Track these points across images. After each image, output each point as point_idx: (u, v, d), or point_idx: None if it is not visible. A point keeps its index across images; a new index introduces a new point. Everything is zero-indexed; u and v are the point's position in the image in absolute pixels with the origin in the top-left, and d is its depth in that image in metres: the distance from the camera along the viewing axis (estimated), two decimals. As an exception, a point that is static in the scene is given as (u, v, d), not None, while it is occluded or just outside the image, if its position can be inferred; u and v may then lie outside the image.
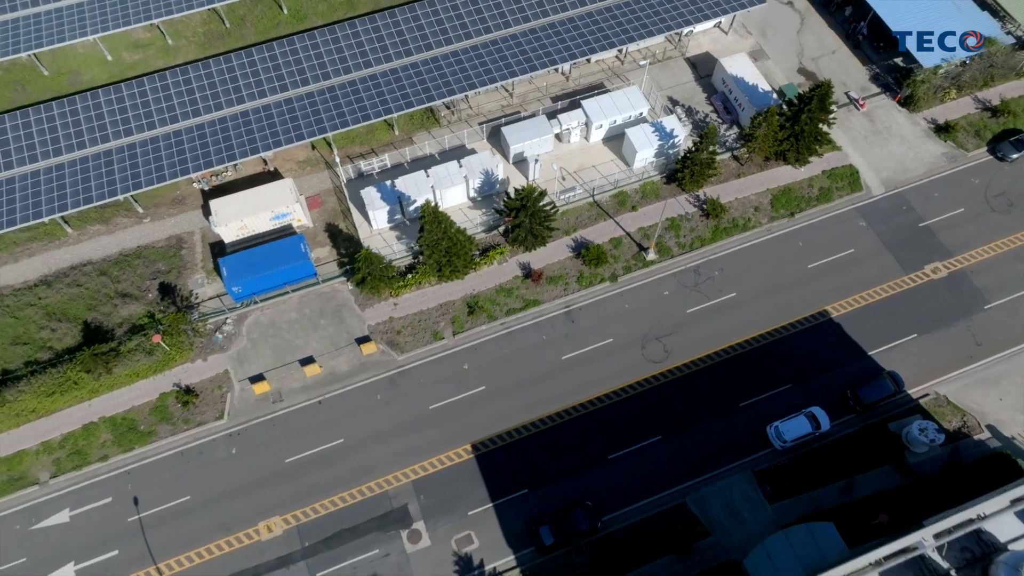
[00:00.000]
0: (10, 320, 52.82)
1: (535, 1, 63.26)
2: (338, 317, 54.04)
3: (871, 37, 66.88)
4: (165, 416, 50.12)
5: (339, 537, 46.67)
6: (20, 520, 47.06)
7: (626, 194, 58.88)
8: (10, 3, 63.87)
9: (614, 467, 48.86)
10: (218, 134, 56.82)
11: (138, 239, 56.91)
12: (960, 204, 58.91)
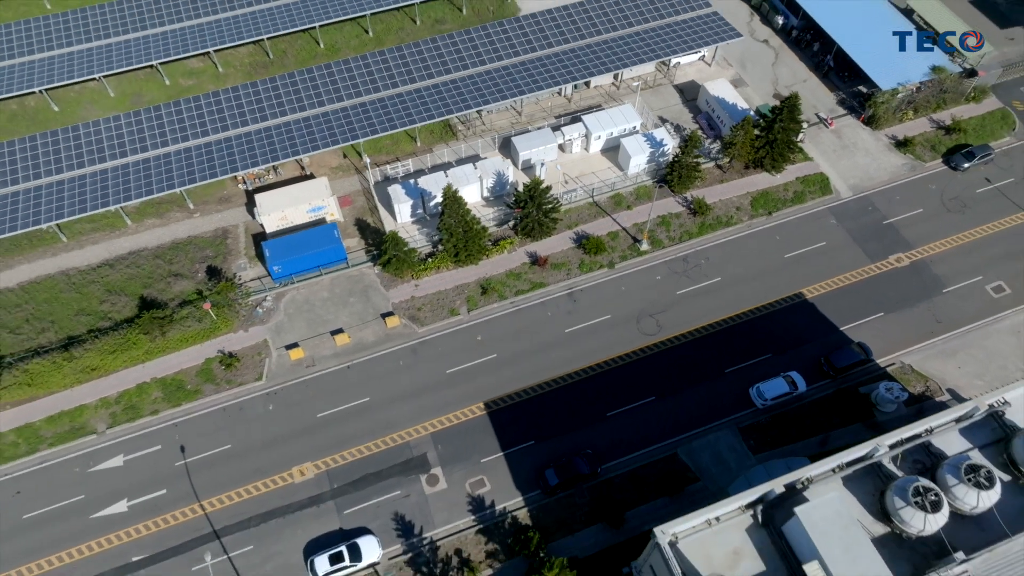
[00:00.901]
0: (75, 295, 59.52)
1: (542, 35, 72.66)
2: (365, 296, 60.60)
3: (837, 68, 75.77)
4: (210, 377, 56.05)
5: (364, 480, 51.81)
6: (79, 464, 52.36)
7: (622, 195, 66.33)
8: (85, 35, 73.48)
9: (612, 423, 54.31)
10: (263, 140, 64.93)
11: (188, 230, 64.17)
12: (919, 206, 66.16)
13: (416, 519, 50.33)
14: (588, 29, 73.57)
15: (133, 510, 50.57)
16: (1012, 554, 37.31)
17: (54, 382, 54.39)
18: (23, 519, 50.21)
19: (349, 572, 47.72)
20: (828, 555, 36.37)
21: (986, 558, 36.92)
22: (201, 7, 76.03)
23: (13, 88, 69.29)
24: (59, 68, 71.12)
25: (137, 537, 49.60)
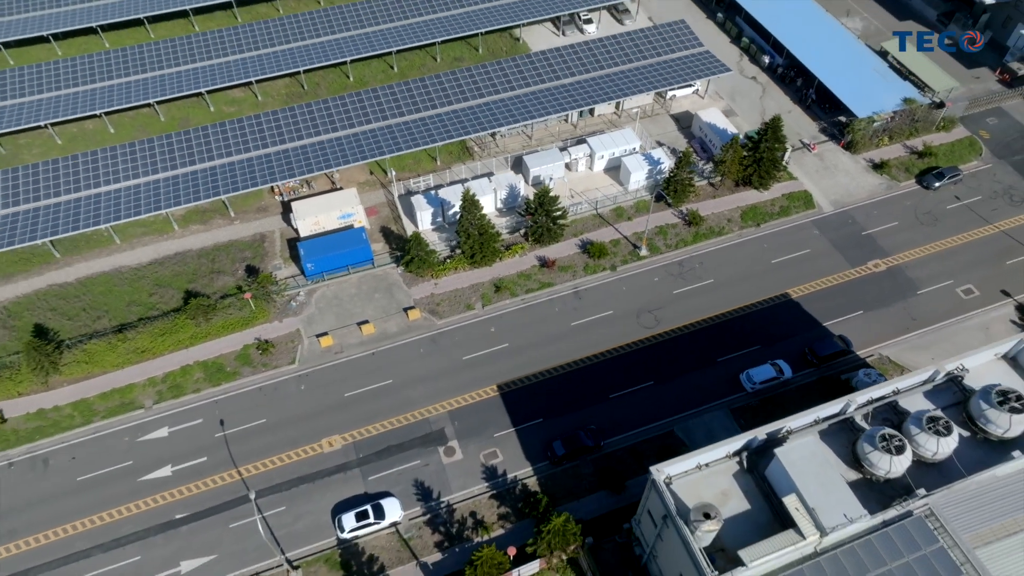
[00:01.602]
0: (127, 288, 65.71)
1: (550, 69, 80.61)
2: (389, 293, 66.54)
3: (818, 100, 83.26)
4: (247, 361, 61.57)
5: (387, 451, 56.68)
6: (128, 434, 57.47)
7: (623, 208, 72.84)
8: (141, 67, 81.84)
9: (614, 404, 59.33)
10: (298, 156, 72.13)
11: (229, 235, 70.71)
12: (895, 219, 72.38)
13: (434, 485, 54.98)
14: (592, 65, 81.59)
15: (176, 474, 55.46)
16: (968, 491, 42.00)
17: (108, 361, 60.03)
18: (77, 481, 55.10)
19: (373, 529, 52.20)
20: (804, 489, 41.15)
21: (945, 494, 41.58)
22: (244, 43, 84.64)
23: (77, 111, 77.12)
24: (117, 95, 79.10)
25: (180, 498, 54.37)
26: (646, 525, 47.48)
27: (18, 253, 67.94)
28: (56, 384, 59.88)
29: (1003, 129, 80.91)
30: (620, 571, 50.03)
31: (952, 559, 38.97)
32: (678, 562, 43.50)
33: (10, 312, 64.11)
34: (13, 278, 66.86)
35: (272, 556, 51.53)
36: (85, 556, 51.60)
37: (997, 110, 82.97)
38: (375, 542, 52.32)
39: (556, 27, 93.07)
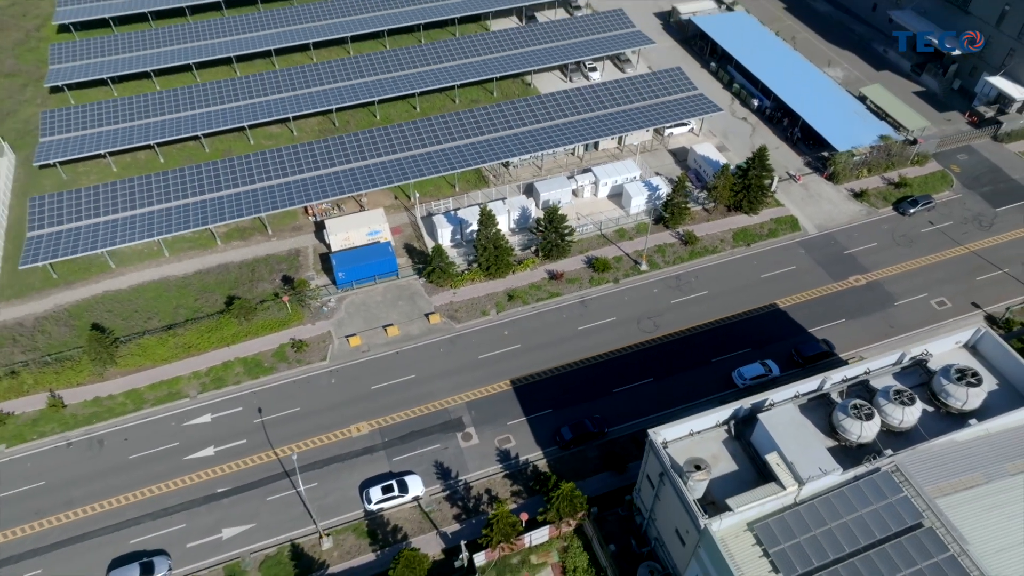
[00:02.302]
0: (175, 294, 72.53)
1: (557, 108, 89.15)
2: (411, 300, 73.09)
3: (803, 137, 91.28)
4: (283, 358, 67.73)
5: (410, 436, 62.21)
6: (175, 420, 63.25)
7: (624, 229, 79.92)
8: (189, 104, 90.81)
9: (617, 397, 64.96)
10: (330, 180, 79.90)
11: (267, 250, 77.84)
12: (874, 240, 79.13)
13: (453, 466, 60.29)
14: (596, 105, 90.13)
15: (219, 454, 61.00)
16: (931, 452, 47.30)
17: (159, 355, 66.33)
18: (129, 459, 60.66)
19: (397, 503, 57.32)
20: (784, 447, 46.63)
21: (909, 454, 46.92)
22: (281, 85, 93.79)
23: (132, 142, 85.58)
24: (167, 129, 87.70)
25: (222, 475, 59.78)
26: (645, 491, 52.64)
27: (78, 263, 75.11)
28: (110, 376, 66.06)
29: (972, 164, 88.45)
30: (622, 538, 54.85)
31: (915, 506, 44.06)
32: (674, 517, 48.63)
33: (71, 313, 70.83)
34: (73, 285, 73.82)
35: (306, 525, 56.62)
36: (136, 523, 56.80)
37: (967, 148, 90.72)
38: (399, 514, 57.38)
39: (564, 74, 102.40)
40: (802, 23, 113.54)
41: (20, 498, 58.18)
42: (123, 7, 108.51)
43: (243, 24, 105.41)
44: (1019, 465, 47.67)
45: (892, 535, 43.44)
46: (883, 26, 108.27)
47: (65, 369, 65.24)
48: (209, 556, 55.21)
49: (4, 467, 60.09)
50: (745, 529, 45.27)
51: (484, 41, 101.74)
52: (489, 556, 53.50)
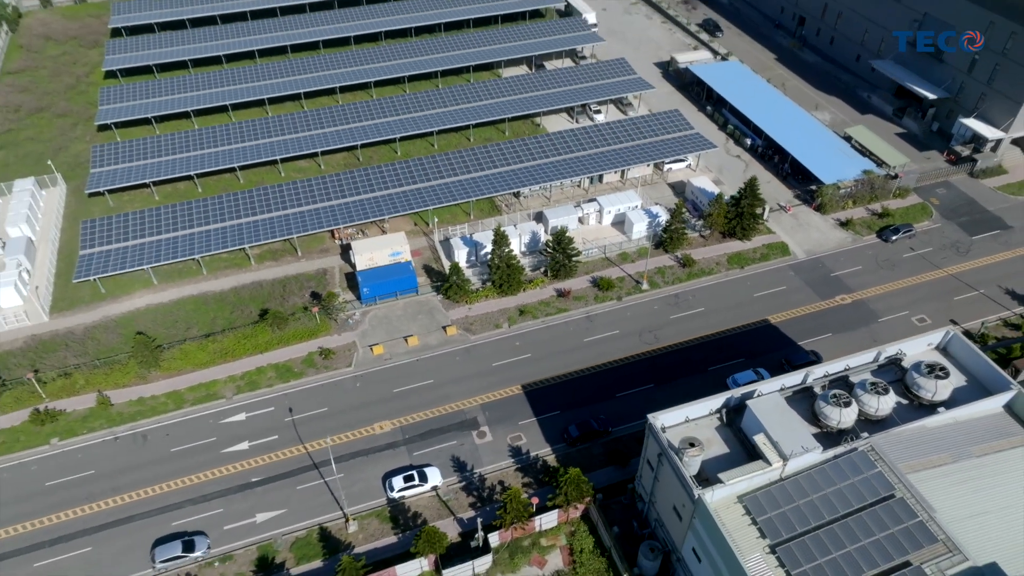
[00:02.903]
0: (212, 307, 78.72)
1: (564, 145, 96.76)
2: (430, 315, 79.05)
3: (792, 172, 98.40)
4: (312, 364, 73.40)
5: (429, 433, 67.35)
6: (212, 418, 68.63)
7: (627, 253, 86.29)
8: (226, 140, 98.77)
9: (620, 401, 70.15)
10: (355, 207, 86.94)
11: (296, 269, 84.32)
12: (859, 264, 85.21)
13: (469, 460, 65.25)
14: (600, 142, 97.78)
15: (252, 448, 66.17)
16: (903, 436, 52.40)
17: (199, 359, 72.15)
18: (170, 451, 65.87)
19: (417, 491, 62.14)
20: (770, 429, 51.78)
21: (884, 436, 52.05)
22: (310, 124, 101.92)
23: (174, 172, 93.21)
24: (205, 161, 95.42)
25: (255, 466, 64.84)
26: (645, 476, 57.50)
27: (124, 279, 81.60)
28: (153, 378, 71.74)
29: (950, 198, 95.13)
30: (625, 522, 59.39)
31: (888, 480, 48.95)
32: (671, 496, 53.48)
33: (117, 323, 76.97)
34: (119, 299, 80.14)
35: (333, 511, 61.40)
36: (177, 507, 61.70)
37: (945, 183, 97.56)
38: (419, 502, 62.14)
39: (570, 116, 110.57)
40: (792, 72, 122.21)
41: (72, 484, 63.30)
42: (165, 55, 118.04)
43: (274, 70, 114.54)
44: (984, 448, 52.66)
45: (867, 505, 48.31)
46: (867, 74, 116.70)
47: (113, 371, 71.05)
48: (244, 537, 59.93)
49: (58, 457, 65.38)
50: (735, 502, 50.12)
51: (497, 86, 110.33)
52: (503, 537, 58.13)
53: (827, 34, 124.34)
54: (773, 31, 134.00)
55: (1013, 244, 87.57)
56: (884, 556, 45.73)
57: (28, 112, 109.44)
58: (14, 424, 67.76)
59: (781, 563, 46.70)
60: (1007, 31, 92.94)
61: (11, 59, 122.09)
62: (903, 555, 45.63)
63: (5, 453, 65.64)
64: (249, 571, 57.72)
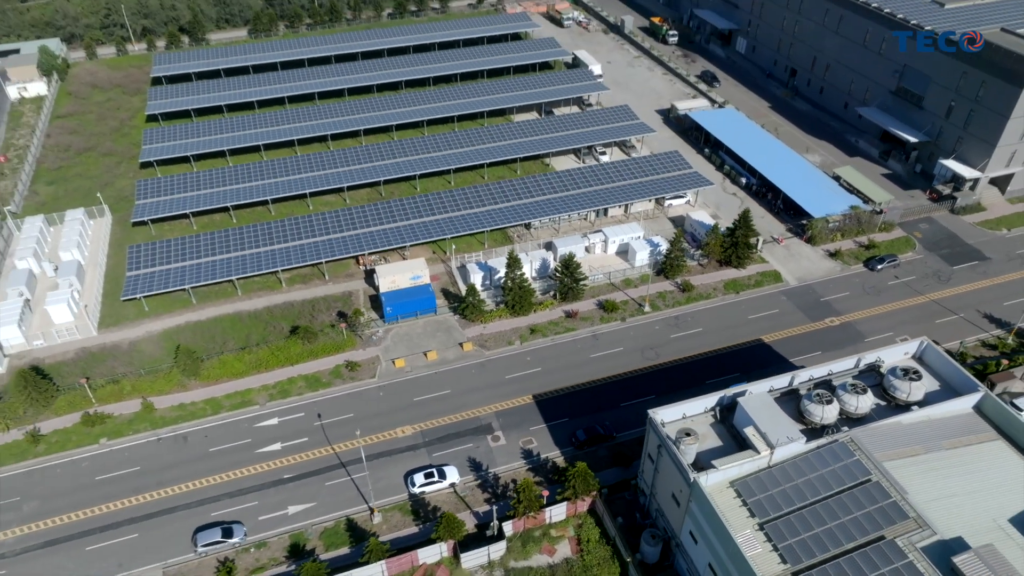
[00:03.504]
0: (247, 324, 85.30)
1: (572, 182, 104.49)
2: (448, 332, 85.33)
3: (785, 208, 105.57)
4: (339, 375, 79.44)
5: (447, 437, 72.89)
6: (247, 422, 74.46)
7: (630, 279, 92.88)
8: (259, 175, 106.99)
9: (623, 410, 75.68)
10: (379, 236, 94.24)
11: (324, 292, 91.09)
12: (847, 290, 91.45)
13: (484, 461, 70.62)
14: (604, 180, 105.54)
15: (284, 448, 71.81)
16: (880, 430, 57.84)
17: (236, 369, 78.40)
18: (209, 451, 71.54)
19: (436, 487, 67.39)
20: (759, 422, 57.35)
21: (862, 430, 57.56)
22: (336, 162, 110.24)
23: (210, 204, 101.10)
24: (239, 195, 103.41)
25: (287, 464, 70.39)
26: (646, 470, 62.79)
27: (166, 299, 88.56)
28: (192, 387, 77.85)
29: (932, 232, 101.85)
30: (628, 515, 64.35)
31: (865, 467, 54.23)
32: (670, 484, 58.72)
33: (160, 337, 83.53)
34: (161, 316, 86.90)
35: (359, 504, 66.63)
36: (216, 500, 67.10)
37: (928, 219, 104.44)
38: (437, 497, 67.34)
39: (577, 157, 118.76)
40: (784, 118, 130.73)
41: (120, 479, 68.90)
42: (202, 101, 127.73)
43: (303, 115, 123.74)
44: (953, 442, 58.00)
45: (846, 488, 53.54)
46: (854, 120, 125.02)
47: (156, 379, 77.30)
48: (277, 527, 65.14)
49: (107, 455, 71.13)
50: (727, 486, 55.45)
51: (509, 129, 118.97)
52: (516, 526, 63.14)
53: (817, 84, 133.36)
54: (767, 81, 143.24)
55: (991, 273, 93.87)
56: (861, 531, 50.82)
57: (77, 152, 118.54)
58: (67, 426, 73.77)
59: (769, 538, 51.83)
60: (978, 80, 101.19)
61: (61, 104, 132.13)
62: (878, 530, 50.71)
63: (59, 451, 71.50)
64: (282, 556, 62.80)
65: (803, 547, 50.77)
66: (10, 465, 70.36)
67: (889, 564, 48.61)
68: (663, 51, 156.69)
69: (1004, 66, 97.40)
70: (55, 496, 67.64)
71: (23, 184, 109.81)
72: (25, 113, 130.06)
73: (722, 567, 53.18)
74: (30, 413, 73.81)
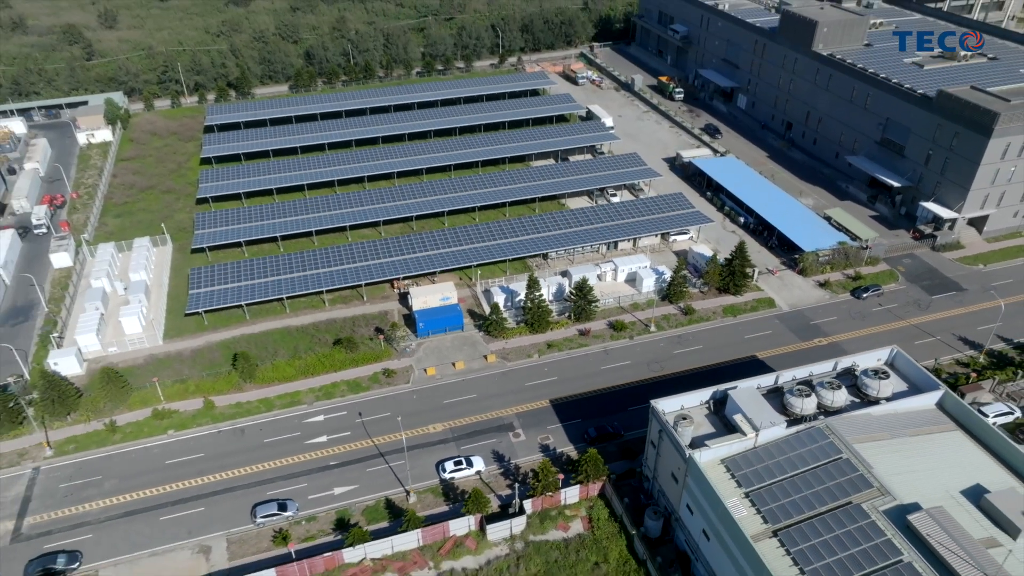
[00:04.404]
0: (294, 336, 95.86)
1: (585, 219, 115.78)
2: (473, 346, 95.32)
3: (779, 244, 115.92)
4: (376, 381, 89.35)
5: (473, 433, 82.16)
6: (296, 418, 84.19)
7: (638, 304, 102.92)
8: (305, 211, 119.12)
9: (631, 413, 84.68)
10: (410, 263, 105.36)
11: (362, 311, 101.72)
12: (834, 315, 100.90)
13: (506, 453, 79.67)
14: (615, 217, 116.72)
15: (330, 440, 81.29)
16: (851, 419, 66.70)
17: (286, 373, 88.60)
18: (264, 442, 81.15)
19: (464, 474, 76.36)
20: (747, 411, 66.48)
21: (836, 419, 66.50)
22: (373, 199, 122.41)
23: (260, 234, 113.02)
24: (287, 227, 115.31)
25: (332, 453, 79.79)
26: (649, 455, 71.63)
27: (223, 314, 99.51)
28: (247, 389, 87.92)
29: (915, 267, 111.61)
30: (634, 497, 72.88)
31: (837, 447, 63.03)
32: (670, 464, 67.53)
33: (218, 346, 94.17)
34: (219, 330, 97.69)
35: (396, 487, 75.65)
36: (271, 481, 76.41)
37: (911, 255, 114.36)
38: (465, 482, 76.24)
39: (590, 198, 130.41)
40: (781, 166, 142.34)
41: (186, 463, 78.49)
42: (251, 146, 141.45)
43: (341, 159, 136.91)
44: (916, 431, 66.77)
45: (820, 463, 62.33)
46: (844, 168, 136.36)
47: (217, 381, 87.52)
48: (324, 505, 74.17)
49: (175, 444, 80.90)
50: (719, 463, 64.35)
51: (528, 173, 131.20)
52: (535, 505, 71.79)
53: (811, 136, 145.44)
54: (765, 133, 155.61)
55: (967, 303, 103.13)
56: (832, 497, 59.47)
57: (140, 189, 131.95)
58: (139, 419, 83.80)
59: (753, 504, 60.50)
60: (952, 131, 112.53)
61: (124, 149, 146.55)
62: (846, 497, 59.34)
63: (133, 439, 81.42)
64: (329, 528, 71.69)
65: (782, 510, 59.38)
66: (92, 450, 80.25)
67: (855, 523, 57.20)
68: (670, 107, 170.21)
69: (973, 119, 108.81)
70: (131, 476, 77.22)
71: (94, 217, 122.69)
72: (93, 156, 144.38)
73: (714, 530, 61.64)
74: (108, 407, 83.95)
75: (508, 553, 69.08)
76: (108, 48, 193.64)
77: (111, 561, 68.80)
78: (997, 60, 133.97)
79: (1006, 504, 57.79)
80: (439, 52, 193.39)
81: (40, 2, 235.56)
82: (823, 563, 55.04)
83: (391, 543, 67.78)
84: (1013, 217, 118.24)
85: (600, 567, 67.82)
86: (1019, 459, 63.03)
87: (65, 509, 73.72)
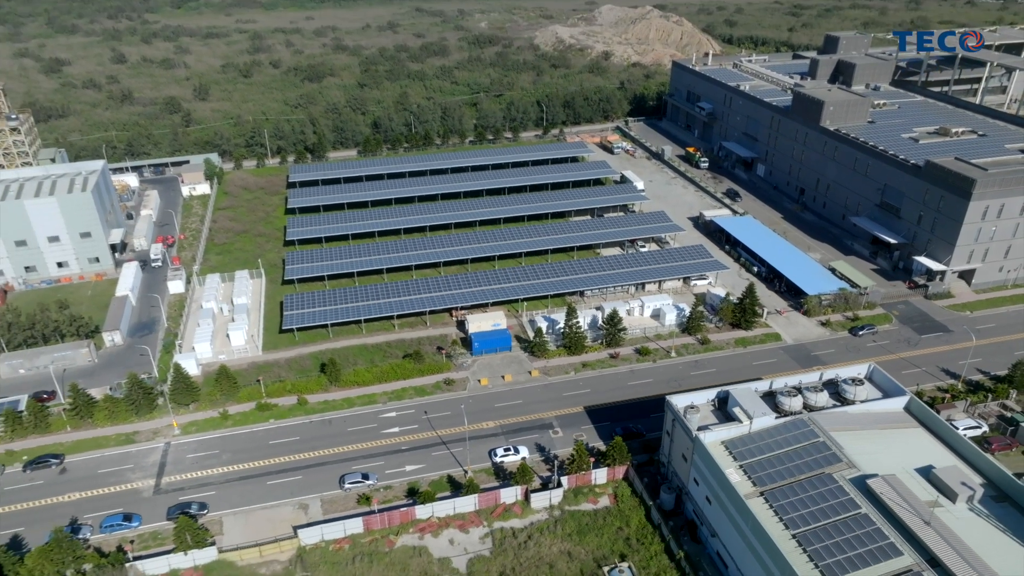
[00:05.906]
0: (370, 351, 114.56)
1: (615, 264, 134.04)
2: (519, 364, 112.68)
3: (787, 290, 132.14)
4: (439, 388, 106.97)
5: (519, 429, 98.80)
6: (373, 414, 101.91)
7: (661, 334, 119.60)
8: (376, 252, 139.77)
9: (653, 418, 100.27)
10: (467, 296, 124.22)
11: (426, 334, 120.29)
12: (833, 348, 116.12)
13: (546, 446, 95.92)
14: (643, 263, 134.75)
15: (401, 431, 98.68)
16: (830, 415, 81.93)
17: (365, 378, 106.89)
18: (348, 431, 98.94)
19: (512, 459, 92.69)
20: (744, 405, 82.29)
21: (817, 414, 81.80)
22: (435, 245, 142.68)
23: (339, 270, 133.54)
24: (361, 265, 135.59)
25: (403, 440, 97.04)
26: (664, 444, 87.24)
27: (310, 333, 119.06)
28: (332, 390, 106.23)
29: (908, 312, 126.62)
30: (652, 479, 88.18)
31: (816, 433, 78.29)
32: (681, 447, 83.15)
33: (308, 357, 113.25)
34: (307, 345, 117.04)
35: (455, 467, 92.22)
36: (354, 459, 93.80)
37: (905, 302, 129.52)
38: (513, 465, 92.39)
39: (622, 248, 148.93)
40: (793, 225, 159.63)
41: (286, 444, 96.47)
42: (328, 199, 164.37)
43: (406, 211, 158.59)
44: (884, 426, 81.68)
45: (801, 445, 77.59)
46: (849, 228, 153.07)
47: (308, 383, 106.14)
48: (398, 478, 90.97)
49: (275, 429, 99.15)
50: (720, 444, 79.96)
51: (568, 226, 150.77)
52: (570, 481, 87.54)
53: (820, 199, 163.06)
54: (780, 196, 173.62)
55: (952, 341, 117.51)
56: (808, 468, 74.60)
57: (235, 233, 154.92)
58: (246, 410, 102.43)
59: (746, 472, 75.81)
60: (938, 195, 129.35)
61: (220, 200, 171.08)
62: (820, 468, 74.43)
63: (242, 425, 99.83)
64: (403, 495, 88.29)
65: (769, 477, 74.59)
66: (209, 431, 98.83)
67: (825, 487, 72.24)
68: (696, 174, 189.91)
69: (955, 184, 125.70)
70: (243, 451, 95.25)
71: (199, 254, 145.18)
72: (194, 206, 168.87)
73: (715, 494, 76.82)
74: (220, 399, 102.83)
75: (547, 518, 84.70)
76: (202, 116, 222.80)
77: (231, 511, 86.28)
78: (986, 136, 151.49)
79: (949, 476, 72.24)
80: (490, 124, 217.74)
81: (143, 78, 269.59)
82: (798, 514, 70.03)
83: (453, 504, 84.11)
84: (998, 272, 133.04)
85: (623, 530, 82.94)
86: (968, 449, 77.50)
87: (193, 472, 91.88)
